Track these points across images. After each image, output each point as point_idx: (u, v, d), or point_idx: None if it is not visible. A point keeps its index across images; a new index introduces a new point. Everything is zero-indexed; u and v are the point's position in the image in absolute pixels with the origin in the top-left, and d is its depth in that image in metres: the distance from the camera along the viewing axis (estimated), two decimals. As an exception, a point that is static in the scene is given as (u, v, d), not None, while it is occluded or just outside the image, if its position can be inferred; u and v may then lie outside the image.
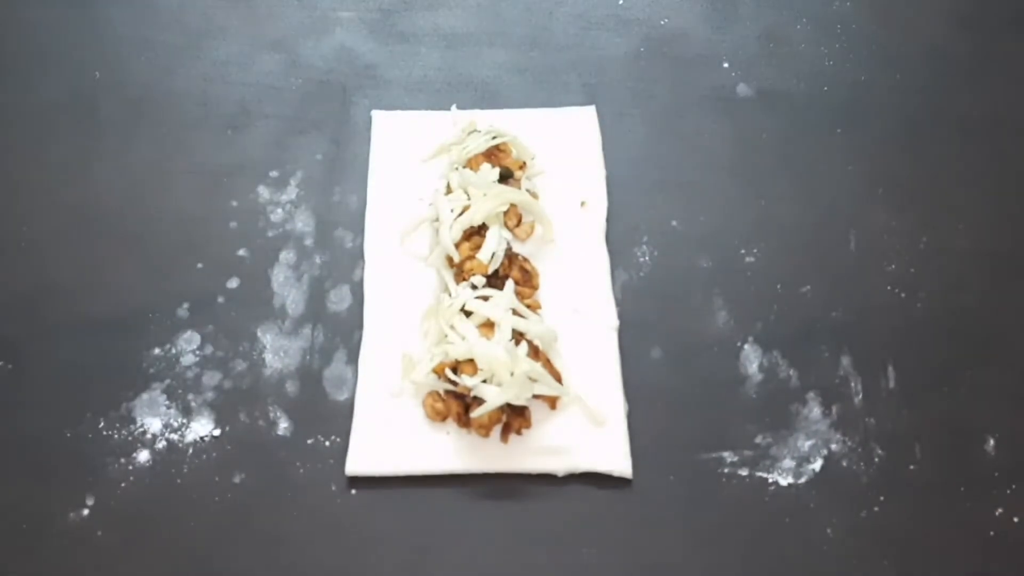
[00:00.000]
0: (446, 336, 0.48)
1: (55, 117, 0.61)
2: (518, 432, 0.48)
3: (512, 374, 0.46)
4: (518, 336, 0.48)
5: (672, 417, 0.50)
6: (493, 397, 0.46)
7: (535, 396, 0.48)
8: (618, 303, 0.53)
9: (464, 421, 0.48)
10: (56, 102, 0.62)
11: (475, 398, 0.47)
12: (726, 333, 0.53)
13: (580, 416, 0.49)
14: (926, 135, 0.60)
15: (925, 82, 0.62)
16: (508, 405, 0.47)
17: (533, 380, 0.47)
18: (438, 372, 0.48)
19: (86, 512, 0.47)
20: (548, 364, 0.49)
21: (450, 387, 0.48)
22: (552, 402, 0.49)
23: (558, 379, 0.49)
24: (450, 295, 0.50)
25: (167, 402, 0.50)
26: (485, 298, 0.49)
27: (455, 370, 0.47)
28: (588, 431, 0.49)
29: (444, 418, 0.48)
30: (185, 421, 0.50)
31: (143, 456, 0.49)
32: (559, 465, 0.48)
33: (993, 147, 0.60)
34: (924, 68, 0.63)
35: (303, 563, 0.46)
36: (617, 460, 0.48)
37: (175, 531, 0.47)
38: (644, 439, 0.49)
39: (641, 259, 0.55)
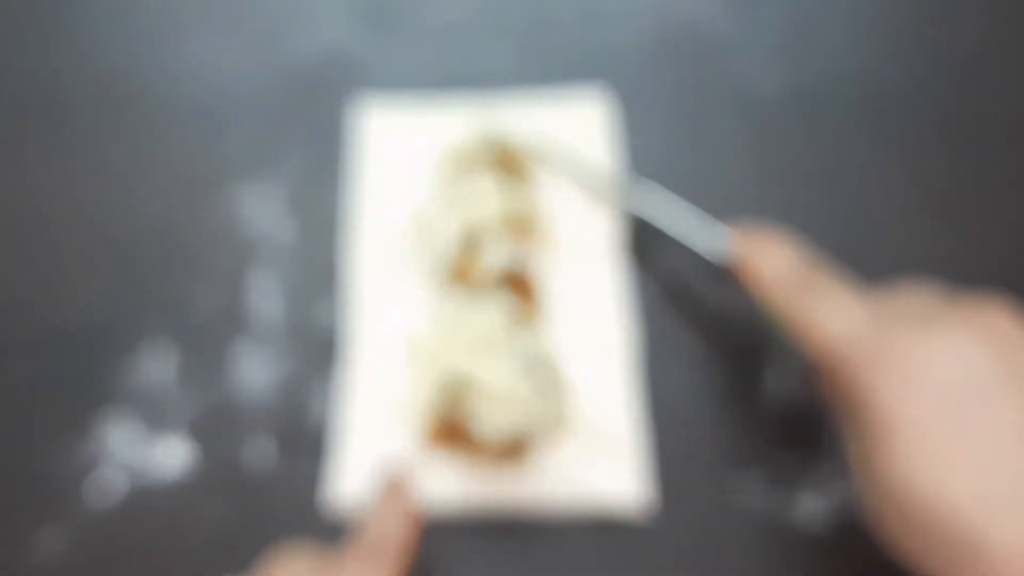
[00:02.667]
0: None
1: (18, 117, 0.57)
2: (520, 460, 0.44)
3: (514, 402, 0.42)
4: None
5: (691, 442, 0.47)
6: (493, 426, 0.42)
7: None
8: (633, 315, 0.49)
9: (461, 447, 0.44)
10: (19, 101, 0.58)
11: (474, 424, 0.43)
12: (750, 348, 0.49)
13: (590, 446, 0.45)
14: (965, 136, 0.56)
15: (964, 80, 0.58)
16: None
17: (537, 409, 0.43)
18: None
19: (51, 543, 0.44)
20: (551, 384, 0.45)
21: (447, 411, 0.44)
22: (556, 426, 0.45)
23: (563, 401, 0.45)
24: (444, 307, 0.47)
25: (137, 424, 0.47)
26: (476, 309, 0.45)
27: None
28: (600, 462, 0.45)
29: (441, 445, 0.45)
30: (156, 444, 0.47)
31: (112, 481, 0.46)
32: (568, 501, 0.44)
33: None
34: (963, 65, 0.59)
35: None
36: (632, 495, 0.44)
37: (147, 561, 0.44)
38: (661, 465, 0.46)
39: (657, 266, 0.51)
